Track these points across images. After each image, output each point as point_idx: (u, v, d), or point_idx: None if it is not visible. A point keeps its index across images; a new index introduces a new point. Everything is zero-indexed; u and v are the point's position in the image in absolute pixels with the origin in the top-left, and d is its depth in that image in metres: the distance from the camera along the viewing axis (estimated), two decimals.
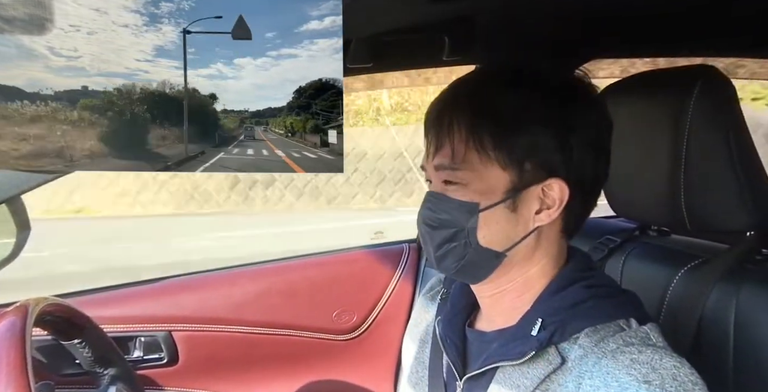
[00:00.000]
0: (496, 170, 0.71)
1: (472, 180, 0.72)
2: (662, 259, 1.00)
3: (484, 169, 0.71)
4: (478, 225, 0.72)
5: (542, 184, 0.72)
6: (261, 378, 1.35)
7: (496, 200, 0.72)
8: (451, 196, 0.73)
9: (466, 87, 0.77)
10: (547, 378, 0.69)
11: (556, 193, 0.72)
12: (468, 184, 0.72)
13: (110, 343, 1.06)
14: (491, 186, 0.72)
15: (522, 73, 0.76)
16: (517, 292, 0.77)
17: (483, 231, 0.72)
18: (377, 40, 1.02)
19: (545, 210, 0.73)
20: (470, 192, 0.72)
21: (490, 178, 0.72)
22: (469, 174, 0.72)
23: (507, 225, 0.73)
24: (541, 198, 0.73)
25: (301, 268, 1.45)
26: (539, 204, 0.73)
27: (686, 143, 0.87)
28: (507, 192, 0.72)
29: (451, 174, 0.73)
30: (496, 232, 0.73)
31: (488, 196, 0.72)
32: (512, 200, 0.72)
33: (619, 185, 1.02)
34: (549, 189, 0.72)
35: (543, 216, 0.73)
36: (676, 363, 0.63)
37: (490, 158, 0.71)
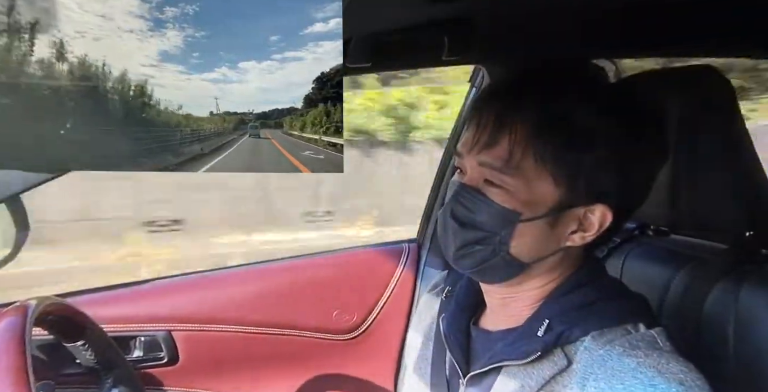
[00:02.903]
0: (548, 184, 0.68)
1: (520, 188, 0.68)
2: (661, 259, 1.00)
3: (536, 179, 0.68)
4: (512, 235, 0.69)
5: (587, 207, 0.70)
6: (261, 378, 1.35)
7: (539, 214, 0.69)
8: (493, 199, 0.69)
9: (536, 87, 0.71)
10: (551, 380, 0.69)
11: (597, 218, 0.70)
12: (514, 192, 0.68)
13: (112, 345, 1.06)
14: (537, 198, 0.68)
15: (598, 84, 0.73)
16: (529, 301, 0.76)
17: (516, 241, 0.70)
18: (376, 39, 1.02)
19: (581, 233, 0.71)
20: (513, 199, 0.68)
21: (540, 191, 0.68)
22: (519, 181, 0.68)
23: (541, 240, 0.70)
24: (581, 220, 0.70)
25: (302, 268, 1.45)
26: (577, 225, 0.71)
27: (686, 143, 0.87)
28: (552, 208, 0.69)
29: (497, 176, 0.69)
30: (528, 244, 0.70)
31: (532, 207, 0.68)
32: (554, 217, 0.69)
33: None
34: (591, 213, 0.70)
35: (577, 237, 0.71)
36: (683, 368, 0.63)
37: (546, 170, 0.67)
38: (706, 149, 0.87)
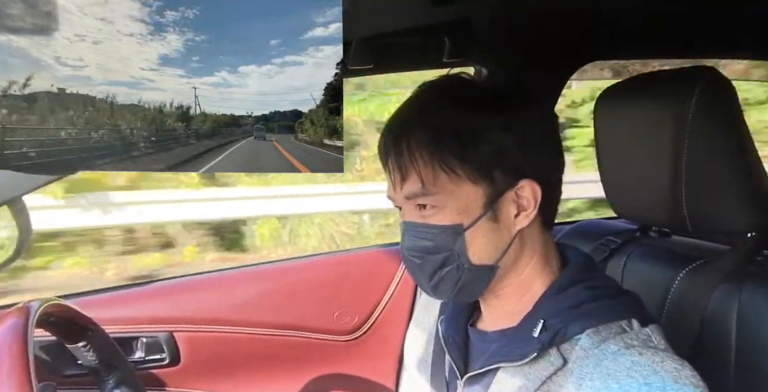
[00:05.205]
0: (469, 186, 0.72)
1: (448, 201, 0.72)
2: (663, 260, 1.00)
3: (456, 188, 0.72)
4: (466, 245, 0.72)
5: (514, 188, 0.73)
6: (262, 379, 1.36)
7: (477, 216, 0.72)
8: (431, 222, 0.73)
9: (415, 107, 0.76)
10: (548, 380, 0.69)
11: (528, 193, 0.73)
12: (445, 206, 0.72)
13: (114, 346, 1.06)
14: (468, 203, 0.72)
15: (462, 85, 0.77)
16: (515, 296, 0.77)
17: (472, 249, 0.73)
18: (378, 41, 1.02)
19: (522, 212, 0.74)
20: (449, 213, 0.72)
21: (466, 196, 0.72)
22: (443, 196, 0.72)
23: (493, 236, 0.73)
24: (516, 202, 0.74)
25: (303, 269, 1.45)
26: (516, 208, 0.74)
27: (687, 144, 0.87)
28: (484, 205, 0.72)
29: (423, 199, 0.73)
30: (485, 246, 0.73)
31: (468, 213, 0.72)
32: (491, 211, 0.73)
33: (621, 186, 1.03)
34: (521, 191, 0.73)
35: (522, 218, 0.74)
36: (678, 366, 0.63)
37: (460, 176, 0.71)
38: (707, 149, 0.87)
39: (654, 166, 0.93)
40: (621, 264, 1.06)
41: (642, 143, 0.95)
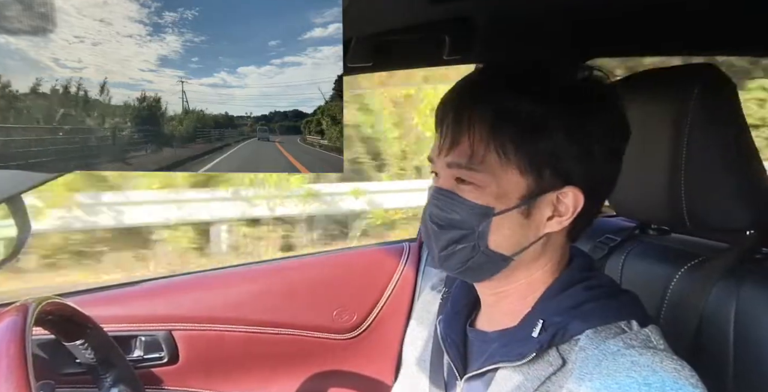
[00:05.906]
0: (515, 175, 0.70)
1: (489, 183, 0.70)
2: (662, 258, 1.00)
3: (503, 172, 0.70)
4: (489, 230, 0.71)
5: (558, 192, 0.71)
6: (261, 377, 1.36)
7: (511, 205, 0.71)
8: (465, 197, 0.71)
9: (484, 88, 0.74)
10: (547, 380, 0.69)
11: (570, 201, 0.72)
12: (484, 187, 0.71)
13: (112, 344, 1.06)
14: (508, 190, 0.70)
15: (537, 75, 0.74)
16: (520, 295, 0.77)
17: (494, 235, 0.71)
18: (377, 39, 1.02)
19: (557, 218, 0.72)
20: (485, 195, 0.71)
21: (508, 183, 0.70)
22: (487, 176, 0.70)
23: (518, 230, 0.72)
24: (555, 206, 0.72)
25: (302, 267, 1.45)
26: (552, 211, 0.72)
27: (686, 142, 0.87)
28: (522, 198, 0.71)
29: (467, 173, 0.71)
30: (507, 237, 0.72)
31: (503, 200, 0.71)
32: (527, 206, 0.71)
33: (620, 184, 1.02)
34: (564, 196, 0.72)
35: (554, 223, 0.73)
36: (677, 366, 0.63)
37: (510, 162, 0.70)
38: (706, 147, 0.87)
39: (653, 164, 0.93)
40: (620, 261, 1.06)
41: (641, 140, 0.95)
